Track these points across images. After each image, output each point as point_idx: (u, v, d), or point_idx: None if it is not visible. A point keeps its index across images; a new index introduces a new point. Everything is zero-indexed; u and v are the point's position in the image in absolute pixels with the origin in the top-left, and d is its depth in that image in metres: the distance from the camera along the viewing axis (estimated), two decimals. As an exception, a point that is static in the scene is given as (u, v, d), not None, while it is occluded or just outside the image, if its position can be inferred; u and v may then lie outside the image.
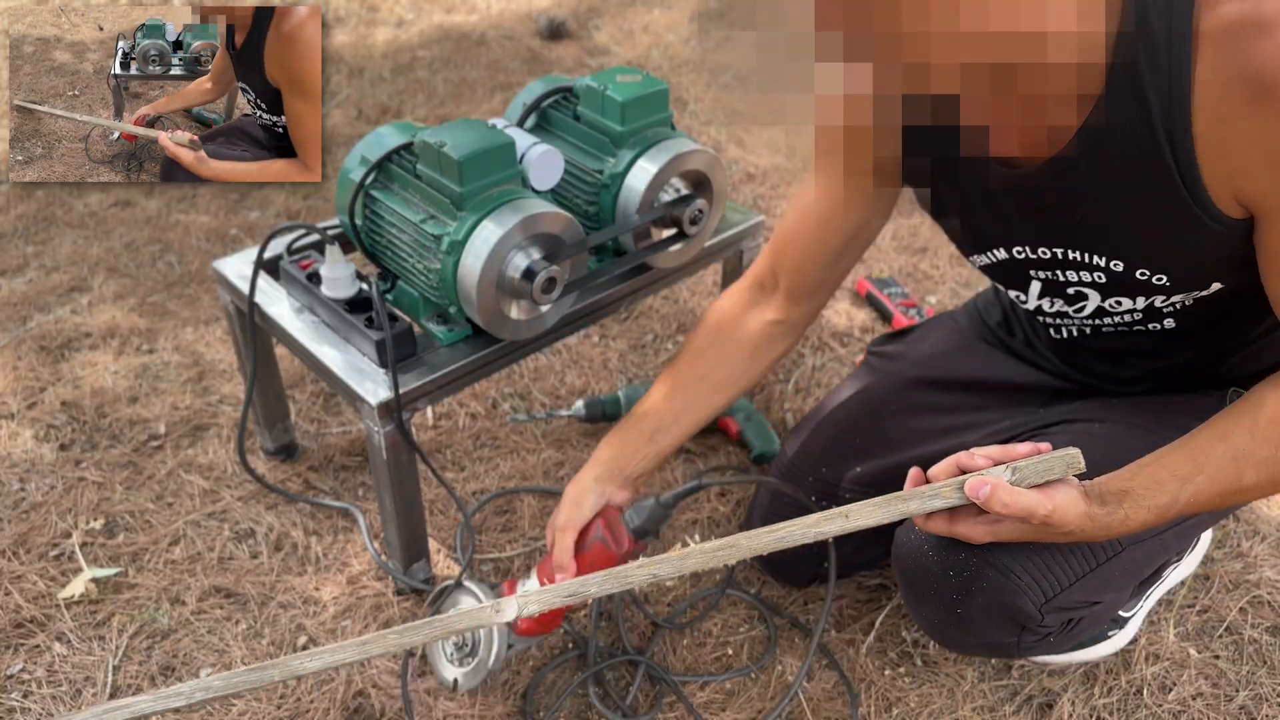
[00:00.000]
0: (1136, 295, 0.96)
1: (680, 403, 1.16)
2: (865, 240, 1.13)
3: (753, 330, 1.19)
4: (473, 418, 1.65)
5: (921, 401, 1.24)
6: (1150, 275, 0.92)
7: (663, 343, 1.82)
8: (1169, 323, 1.00)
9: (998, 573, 0.94)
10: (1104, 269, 0.94)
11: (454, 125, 1.17)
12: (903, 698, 1.22)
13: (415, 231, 1.17)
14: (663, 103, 1.29)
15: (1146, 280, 0.93)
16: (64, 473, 1.52)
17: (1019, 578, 0.94)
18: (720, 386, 1.18)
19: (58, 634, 1.29)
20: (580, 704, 1.22)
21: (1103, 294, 0.98)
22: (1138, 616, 1.25)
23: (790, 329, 1.20)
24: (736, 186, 2.29)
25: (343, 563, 1.39)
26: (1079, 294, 1.00)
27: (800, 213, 1.15)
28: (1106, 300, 0.99)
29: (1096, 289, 0.98)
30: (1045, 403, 1.18)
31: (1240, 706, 1.20)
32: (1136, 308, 0.99)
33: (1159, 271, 0.91)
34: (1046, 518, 0.82)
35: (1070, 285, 0.99)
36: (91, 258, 2.04)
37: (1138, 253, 0.91)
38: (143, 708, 0.87)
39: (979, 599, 0.95)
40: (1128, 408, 1.09)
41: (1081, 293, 0.99)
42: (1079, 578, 0.96)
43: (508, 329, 1.19)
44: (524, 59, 2.96)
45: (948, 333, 1.31)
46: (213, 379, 1.71)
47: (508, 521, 1.47)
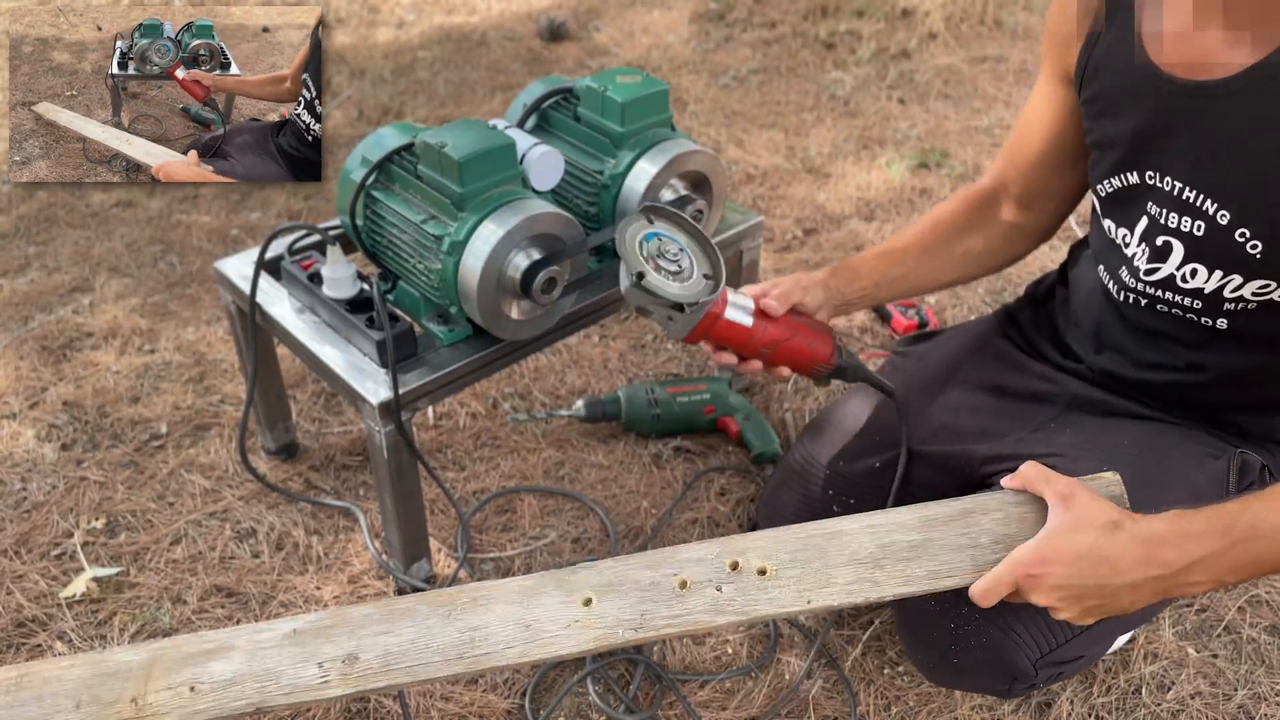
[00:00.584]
0: (1216, 267, 0.96)
1: (915, 264, 1.19)
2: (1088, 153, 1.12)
3: (1000, 222, 1.22)
4: (473, 417, 1.65)
5: (942, 402, 1.24)
6: (1247, 239, 0.92)
7: (663, 343, 1.82)
8: (1222, 322, 1.00)
9: (998, 630, 0.93)
10: (1208, 218, 0.94)
11: (454, 126, 1.17)
12: (902, 697, 1.22)
13: (416, 232, 1.18)
14: (663, 103, 1.30)
15: (1241, 246, 0.93)
16: (65, 472, 1.53)
17: (1019, 636, 0.93)
18: (956, 264, 1.22)
19: (59, 633, 1.29)
20: (581, 703, 1.22)
21: (1187, 253, 0.98)
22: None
23: (1024, 235, 1.23)
24: (736, 186, 2.29)
25: (344, 562, 1.40)
26: (1166, 246, 1.00)
27: (1025, 117, 1.17)
28: (1185, 266, 0.99)
29: (1185, 244, 0.98)
30: (1060, 413, 1.17)
31: (1239, 706, 1.20)
32: (1204, 289, 0.99)
33: (1257, 237, 0.91)
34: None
35: (1167, 232, 0.99)
36: (93, 258, 2.05)
37: (1252, 206, 0.91)
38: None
39: (976, 652, 0.95)
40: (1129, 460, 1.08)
41: (1169, 245, 0.99)
42: (1074, 635, 0.96)
43: (508, 329, 1.20)
44: (524, 60, 2.96)
45: (973, 337, 1.31)
46: (214, 379, 1.72)
47: (508, 521, 1.47)
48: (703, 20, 3.19)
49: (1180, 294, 1.02)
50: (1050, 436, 1.15)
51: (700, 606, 0.90)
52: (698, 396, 1.58)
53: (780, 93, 2.75)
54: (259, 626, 0.94)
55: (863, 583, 0.90)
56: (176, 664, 0.92)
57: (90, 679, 0.92)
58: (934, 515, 0.94)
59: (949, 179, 2.32)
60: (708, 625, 0.90)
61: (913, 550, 0.92)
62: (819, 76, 2.84)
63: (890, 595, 0.90)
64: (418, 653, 0.90)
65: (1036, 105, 1.15)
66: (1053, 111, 1.12)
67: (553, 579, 0.93)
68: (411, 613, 0.93)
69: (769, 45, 3.03)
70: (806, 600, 0.90)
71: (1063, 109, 1.11)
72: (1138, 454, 1.05)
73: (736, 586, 0.92)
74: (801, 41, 3.03)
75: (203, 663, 0.92)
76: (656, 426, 1.58)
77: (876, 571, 0.91)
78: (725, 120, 2.59)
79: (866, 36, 2.99)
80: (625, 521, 1.46)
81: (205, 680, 0.91)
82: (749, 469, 1.55)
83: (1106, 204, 1.08)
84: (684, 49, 3.02)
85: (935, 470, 1.19)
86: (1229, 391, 1.07)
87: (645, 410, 1.57)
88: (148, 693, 0.90)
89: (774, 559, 0.92)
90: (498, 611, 0.92)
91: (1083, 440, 1.11)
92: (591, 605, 0.91)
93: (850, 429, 1.26)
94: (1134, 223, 1.04)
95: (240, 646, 0.93)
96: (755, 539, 0.94)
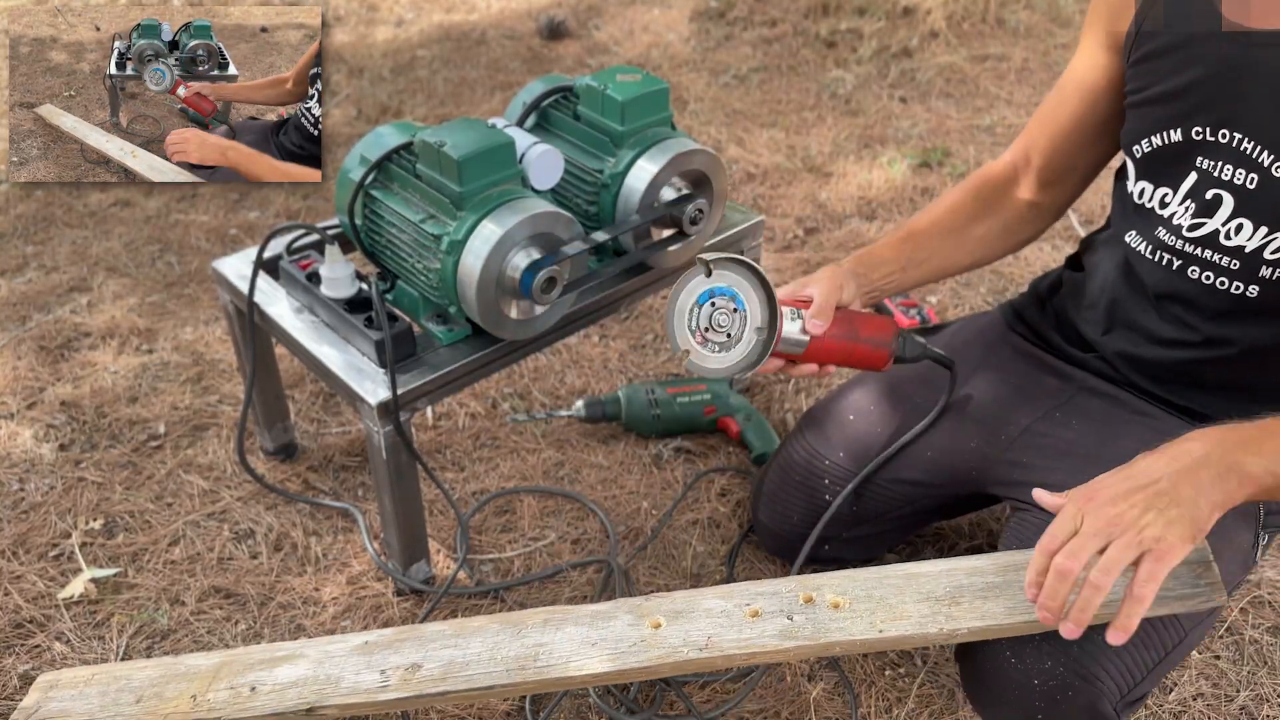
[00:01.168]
0: (1263, 223, 0.97)
1: (938, 246, 1.20)
2: (1118, 127, 1.14)
3: (1016, 203, 1.23)
4: (473, 418, 1.65)
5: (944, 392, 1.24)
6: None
7: (662, 342, 1.81)
8: (1253, 289, 1.01)
9: (1084, 681, 0.92)
10: (1262, 170, 0.96)
11: (454, 125, 1.17)
12: (902, 698, 1.21)
13: (415, 231, 1.17)
14: (663, 102, 1.29)
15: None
16: (63, 473, 1.52)
17: (1103, 684, 0.93)
18: (976, 247, 1.23)
19: (57, 634, 1.29)
20: (580, 704, 1.21)
21: (1237, 206, 0.99)
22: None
23: (1040, 214, 1.23)
24: (736, 186, 2.28)
25: (342, 563, 1.39)
26: (1216, 199, 1.01)
27: (1061, 86, 1.17)
28: (1232, 221, 1.00)
29: (1236, 197, 0.99)
30: (1061, 404, 1.17)
31: (1241, 707, 1.20)
32: (1245, 246, 0.99)
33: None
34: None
35: (1220, 185, 1.00)
36: (91, 257, 2.04)
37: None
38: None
39: (1063, 707, 0.94)
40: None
41: (1219, 198, 1.00)
42: (1150, 669, 0.96)
43: (507, 329, 1.19)
44: (524, 58, 2.96)
45: (977, 331, 1.31)
46: (212, 379, 1.71)
47: (508, 522, 1.46)
48: (703, 18, 3.18)
49: (1220, 252, 1.02)
50: (1054, 430, 1.15)
51: (770, 632, 0.91)
52: (698, 397, 1.57)
53: (781, 91, 2.75)
54: (333, 639, 0.97)
55: (937, 617, 0.91)
56: (245, 668, 0.95)
57: (158, 679, 0.95)
58: (1013, 561, 0.95)
59: (950, 178, 2.32)
60: (775, 650, 0.90)
61: (990, 589, 0.93)
62: (820, 75, 2.83)
63: (965, 629, 0.90)
64: (481, 664, 0.92)
65: (1079, 74, 1.15)
66: (1094, 79, 1.13)
67: (626, 605, 0.96)
68: (483, 630, 0.96)
69: (770, 44, 3.02)
70: (879, 630, 0.90)
71: (1105, 77, 1.12)
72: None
73: (808, 616, 0.93)
74: (802, 40, 3.02)
75: (270, 668, 0.95)
76: (657, 427, 1.57)
77: (952, 608, 0.92)
78: (726, 119, 2.58)
79: (868, 35, 2.98)
80: (625, 522, 1.46)
81: (268, 682, 0.93)
82: (750, 470, 1.54)
83: (1144, 164, 1.08)
84: (684, 47, 3.01)
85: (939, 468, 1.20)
86: (1247, 371, 1.07)
87: (645, 410, 1.56)
88: (208, 691, 0.93)
89: (848, 594, 0.94)
90: (567, 631, 0.94)
91: (1089, 445, 1.11)
92: (661, 628, 0.93)
93: (858, 425, 1.25)
94: (1179, 180, 1.04)
95: (310, 655, 0.95)
96: (831, 577, 0.96)
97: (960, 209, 1.23)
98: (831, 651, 0.91)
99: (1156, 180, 1.07)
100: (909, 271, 1.18)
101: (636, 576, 1.37)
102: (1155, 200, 1.07)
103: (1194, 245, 1.03)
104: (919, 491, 1.22)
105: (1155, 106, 1.04)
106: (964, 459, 1.19)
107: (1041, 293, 1.28)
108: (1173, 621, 0.96)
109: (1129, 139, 1.09)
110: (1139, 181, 1.08)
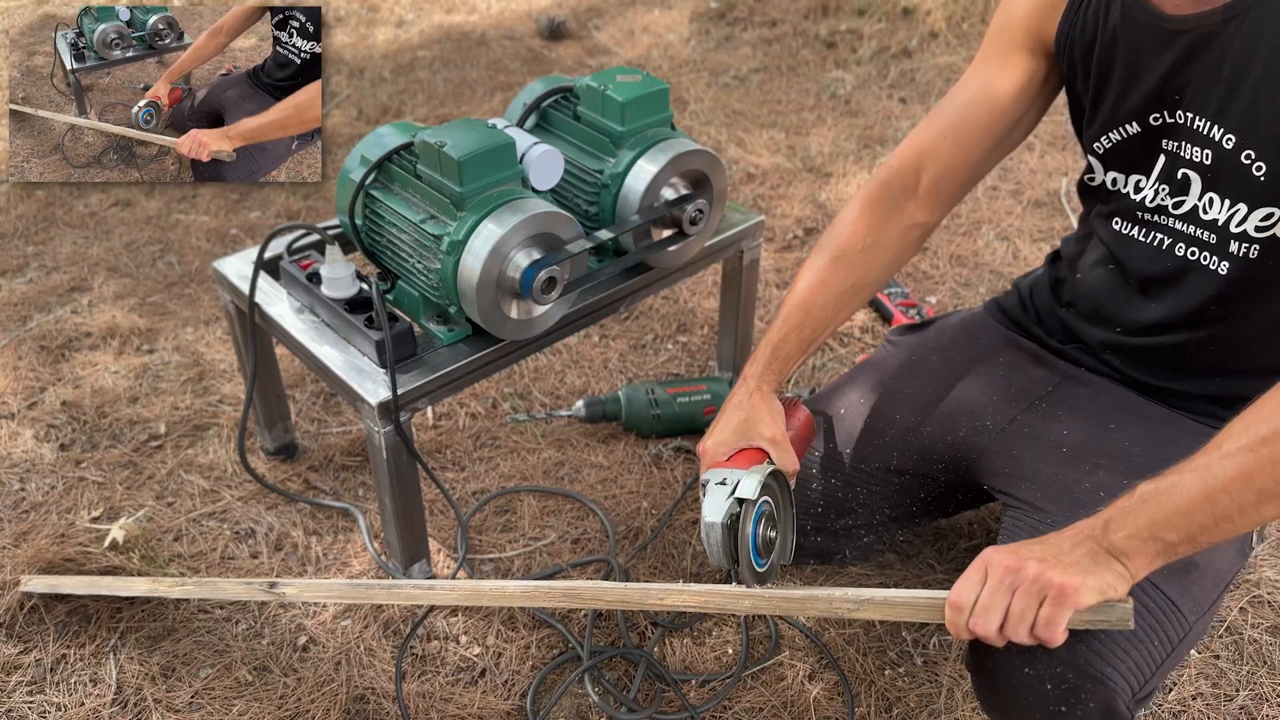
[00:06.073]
0: (1226, 196, 0.99)
1: (833, 315, 1.19)
2: (1015, 140, 1.15)
3: (895, 235, 1.19)
4: (473, 418, 1.65)
5: (937, 384, 1.25)
6: (1252, 162, 0.96)
7: (663, 343, 1.81)
8: (1225, 266, 1.02)
9: (1097, 683, 0.93)
10: (1214, 144, 0.98)
11: (454, 125, 1.17)
12: (902, 698, 1.22)
13: (415, 231, 1.17)
14: (663, 103, 1.29)
15: (1247, 169, 0.96)
16: (64, 472, 1.52)
17: (1115, 683, 0.93)
18: (864, 293, 1.21)
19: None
20: (581, 703, 1.22)
21: (1204, 183, 1.01)
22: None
23: (924, 232, 1.22)
24: (736, 186, 2.28)
25: (343, 563, 1.39)
26: (1185, 179, 1.03)
27: (961, 102, 1.15)
28: (1204, 196, 1.02)
29: (1200, 174, 1.01)
30: (1047, 394, 1.19)
31: (1240, 707, 1.20)
32: (1218, 220, 1.01)
33: (1261, 159, 0.95)
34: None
35: (1184, 165, 1.02)
36: (92, 258, 2.04)
37: (1251, 128, 0.95)
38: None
39: (1079, 710, 0.94)
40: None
41: (1187, 178, 1.03)
42: (1159, 665, 0.96)
43: (508, 329, 1.19)
44: (524, 59, 2.96)
45: (962, 324, 1.32)
46: (213, 379, 1.71)
47: (508, 521, 1.47)
48: (703, 19, 3.18)
49: (1201, 227, 1.04)
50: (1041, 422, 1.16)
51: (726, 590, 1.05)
52: (698, 397, 1.58)
53: (781, 92, 2.75)
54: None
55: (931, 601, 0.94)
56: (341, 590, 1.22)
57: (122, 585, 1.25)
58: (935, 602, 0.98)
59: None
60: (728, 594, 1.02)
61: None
62: (820, 76, 2.83)
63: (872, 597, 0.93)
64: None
65: (992, 82, 1.13)
66: (1011, 84, 1.12)
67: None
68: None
69: (769, 44, 3.02)
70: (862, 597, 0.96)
71: (1023, 80, 1.12)
72: (1145, 462, 1.05)
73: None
74: (802, 40, 3.03)
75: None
76: (657, 427, 1.57)
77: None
78: (726, 119, 2.59)
79: (867, 35, 2.99)
80: (625, 522, 1.46)
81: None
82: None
83: (1109, 159, 1.09)
84: (684, 48, 3.01)
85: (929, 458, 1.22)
86: (1230, 353, 1.08)
87: (645, 410, 1.56)
88: (279, 584, 1.17)
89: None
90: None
91: (1076, 439, 1.12)
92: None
93: (854, 424, 1.26)
94: (1150, 165, 1.06)
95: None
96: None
97: (852, 259, 1.19)
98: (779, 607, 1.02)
99: (1127, 170, 1.09)
100: (806, 351, 1.18)
101: (636, 576, 1.38)
102: (1130, 186, 1.09)
103: (1181, 221, 1.05)
104: (911, 481, 1.23)
105: (1105, 104, 1.06)
106: (953, 449, 1.20)
107: (1024, 290, 1.29)
108: (1176, 614, 0.97)
109: (1087, 137, 1.10)
110: (1108, 173, 1.10)
